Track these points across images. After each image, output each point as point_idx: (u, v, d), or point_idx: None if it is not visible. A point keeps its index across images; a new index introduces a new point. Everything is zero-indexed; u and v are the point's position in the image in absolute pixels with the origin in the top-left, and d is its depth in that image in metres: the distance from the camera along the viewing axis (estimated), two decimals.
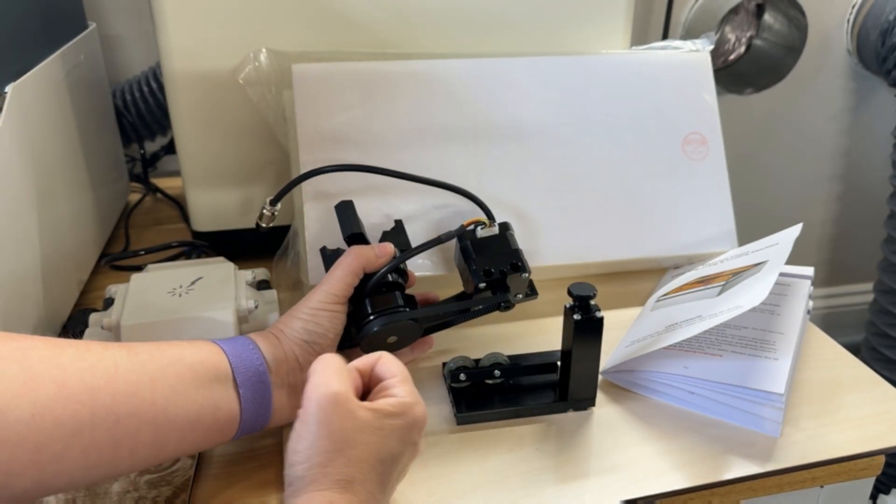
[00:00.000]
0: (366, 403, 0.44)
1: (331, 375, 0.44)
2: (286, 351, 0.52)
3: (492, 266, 0.58)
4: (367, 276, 0.56)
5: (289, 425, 0.54)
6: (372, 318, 0.55)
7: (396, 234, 0.62)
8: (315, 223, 0.66)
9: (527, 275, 0.59)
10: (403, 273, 0.59)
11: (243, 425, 0.49)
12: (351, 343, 0.57)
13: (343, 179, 0.66)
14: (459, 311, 0.60)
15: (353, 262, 0.55)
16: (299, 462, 0.42)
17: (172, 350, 0.46)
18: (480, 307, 0.59)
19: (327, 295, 0.54)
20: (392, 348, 0.58)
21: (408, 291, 0.59)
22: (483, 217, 0.62)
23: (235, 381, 0.48)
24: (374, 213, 0.67)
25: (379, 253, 0.56)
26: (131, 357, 0.44)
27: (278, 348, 0.52)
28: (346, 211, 0.61)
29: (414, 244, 0.61)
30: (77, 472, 0.41)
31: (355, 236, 0.59)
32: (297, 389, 0.53)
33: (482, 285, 0.58)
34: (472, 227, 0.61)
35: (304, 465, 0.42)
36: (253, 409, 0.49)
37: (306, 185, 0.66)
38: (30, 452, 0.38)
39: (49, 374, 0.40)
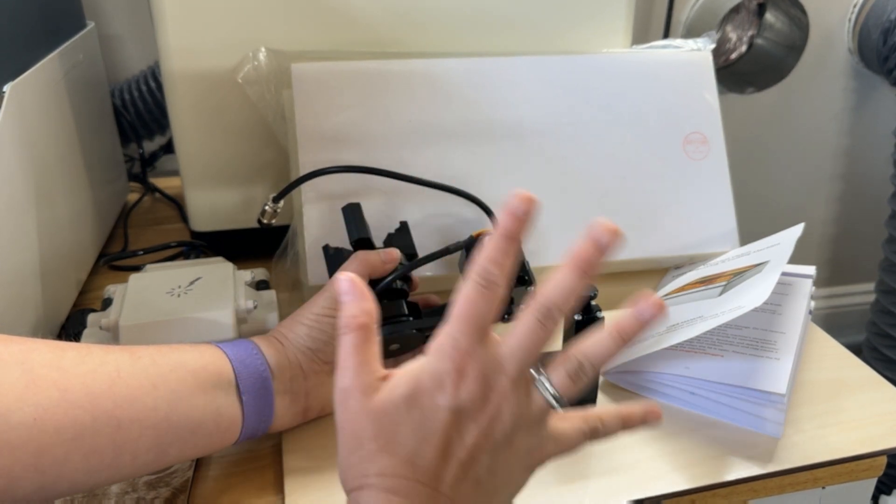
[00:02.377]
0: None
1: (342, 368, 0.38)
2: (290, 358, 0.52)
3: None
4: (371, 282, 0.55)
5: (289, 429, 0.54)
6: None
7: (401, 236, 0.62)
8: (315, 223, 0.66)
9: (532, 287, 0.59)
10: (408, 279, 0.59)
11: (245, 431, 0.49)
12: None
13: (344, 179, 0.66)
14: None
15: (359, 269, 0.54)
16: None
17: (175, 354, 0.46)
18: None
19: (332, 301, 0.53)
20: (394, 354, 0.58)
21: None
22: (490, 227, 0.62)
23: (238, 387, 0.48)
24: (377, 213, 0.66)
25: (385, 259, 0.56)
26: (133, 361, 0.44)
27: (282, 354, 0.52)
28: (353, 214, 0.60)
29: (418, 248, 0.61)
30: (79, 476, 0.41)
31: (362, 241, 0.58)
32: (299, 396, 0.52)
33: None
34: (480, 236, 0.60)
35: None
36: (255, 415, 0.49)
37: (306, 185, 0.65)
38: (31, 456, 0.38)
39: (51, 378, 0.40)
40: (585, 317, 0.53)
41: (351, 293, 0.39)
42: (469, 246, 0.59)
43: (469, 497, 0.36)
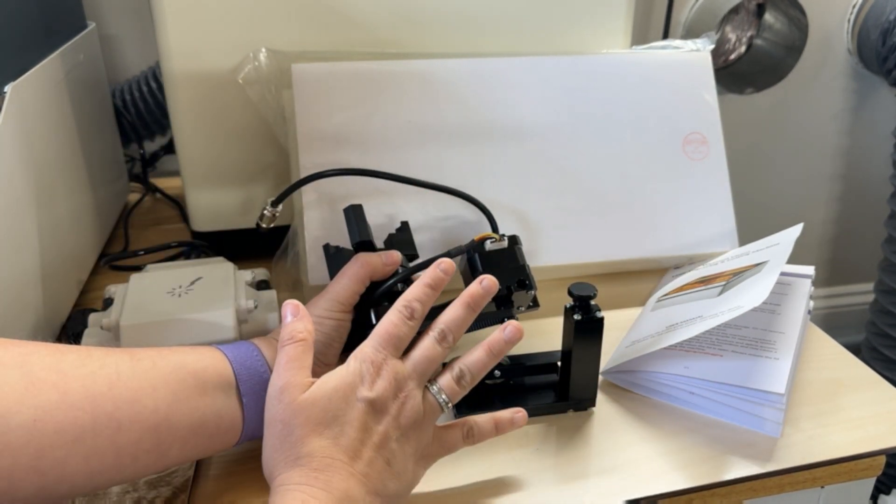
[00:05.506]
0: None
1: (282, 370, 0.46)
2: None
3: (499, 281, 0.58)
4: (373, 284, 0.55)
5: None
6: None
7: (402, 236, 0.62)
8: (315, 223, 0.66)
9: (533, 291, 0.59)
10: (408, 281, 0.59)
11: (246, 433, 0.49)
12: (352, 347, 0.57)
13: (345, 180, 0.66)
14: None
15: (361, 271, 0.54)
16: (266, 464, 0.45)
17: (175, 356, 0.46)
18: (484, 322, 0.59)
19: (333, 303, 0.53)
20: None
21: None
22: (489, 230, 0.62)
23: (239, 388, 0.48)
24: (378, 214, 0.66)
25: (386, 261, 0.56)
26: (133, 363, 0.44)
27: None
28: (354, 216, 0.59)
29: (418, 248, 0.61)
30: (79, 478, 0.41)
31: (364, 244, 0.58)
32: None
33: None
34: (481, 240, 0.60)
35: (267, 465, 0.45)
36: (256, 416, 0.49)
37: (307, 186, 0.65)
38: (31, 458, 0.38)
39: (50, 380, 0.40)
40: (585, 317, 0.53)
41: (295, 315, 0.48)
42: (470, 250, 0.59)
43: (379, 475, 0.44)
